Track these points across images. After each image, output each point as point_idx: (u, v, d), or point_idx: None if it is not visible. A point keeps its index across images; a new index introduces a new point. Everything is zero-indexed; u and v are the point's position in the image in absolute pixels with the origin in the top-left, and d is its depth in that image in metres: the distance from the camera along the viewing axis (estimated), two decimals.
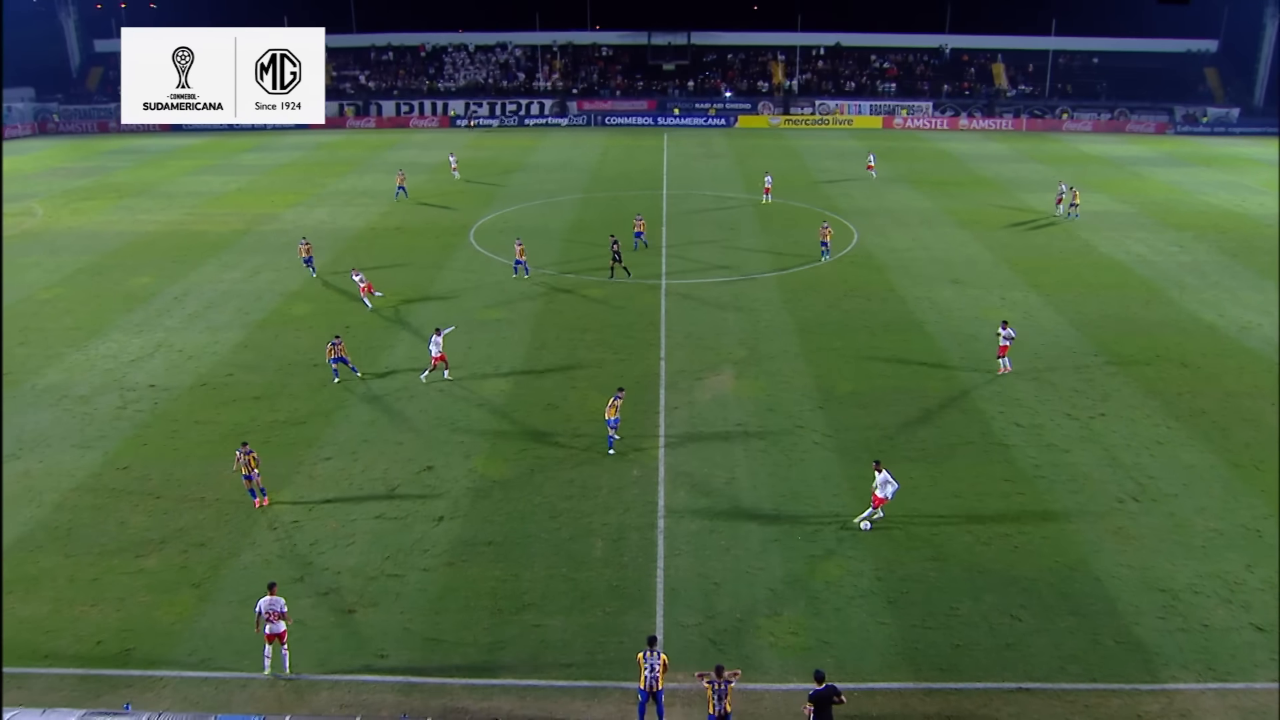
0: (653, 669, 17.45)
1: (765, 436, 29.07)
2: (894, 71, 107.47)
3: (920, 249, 50.06)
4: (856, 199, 62.50)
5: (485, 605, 21.30)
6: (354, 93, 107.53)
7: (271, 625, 19.13)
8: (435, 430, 29.64)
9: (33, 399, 32.17)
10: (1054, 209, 58.39)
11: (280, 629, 19.17)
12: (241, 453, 24.93)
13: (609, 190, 66.61)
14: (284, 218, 58.40)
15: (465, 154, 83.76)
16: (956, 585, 21.87)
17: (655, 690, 17.49)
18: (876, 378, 33.38)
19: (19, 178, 74.26)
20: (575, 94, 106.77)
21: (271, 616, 19.12)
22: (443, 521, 24.57)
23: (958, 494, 25.76)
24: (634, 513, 24.94)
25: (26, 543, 23.82)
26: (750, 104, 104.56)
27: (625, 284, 43.75)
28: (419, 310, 40.50)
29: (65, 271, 47.02)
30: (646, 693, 17.53)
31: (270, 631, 19.16)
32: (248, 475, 25.00)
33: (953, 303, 41.13)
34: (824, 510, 24.93)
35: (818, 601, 21.39)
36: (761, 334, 37.53)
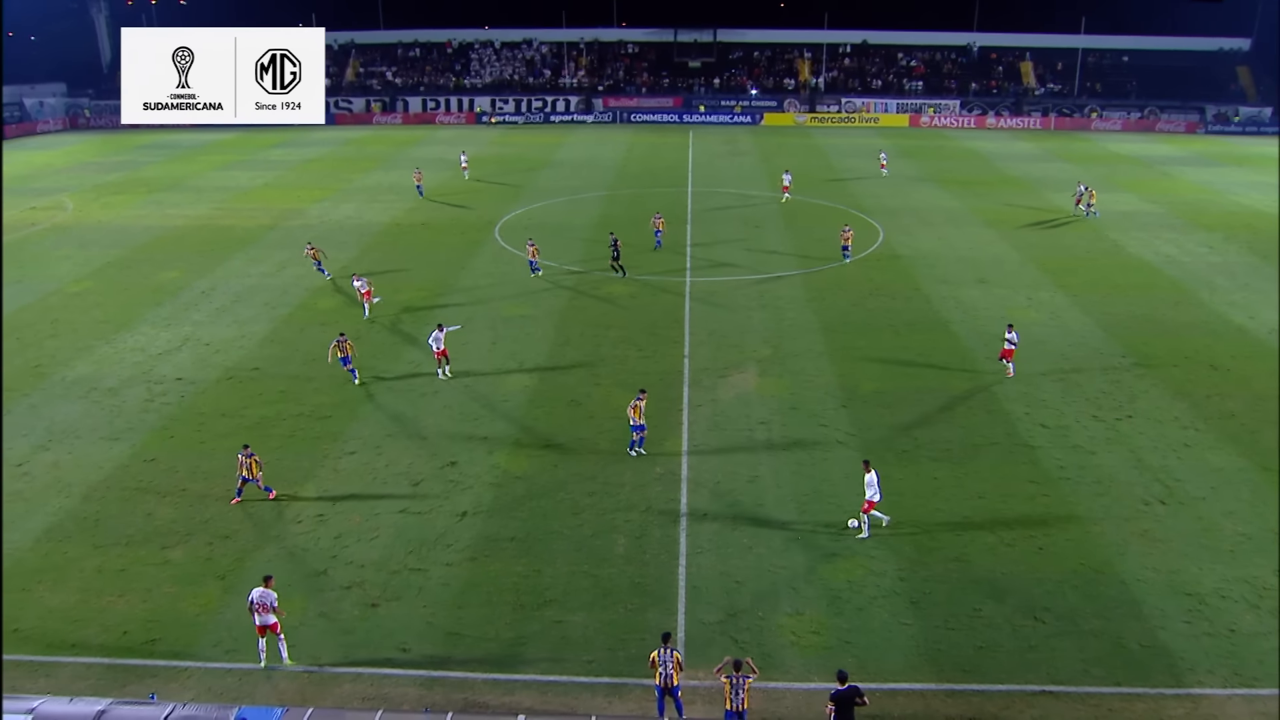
0: (667, 666, 17.48)
1: (788, 435, 29.00)
2: (921, 69, 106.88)
3: (946, 248, 49.78)
4: (882, 197, 62.21)
5: (507, 601, 21.37)
6: (381, 89, 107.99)
7: (261, 617, 19.25)
8: (459, 426, 29.75)
9: (62, 391, 32.52)
10: (1072, 208, 57.91)
11: (270, 621, 19.31)
12: (244, 455, 24.92)
13: (633, 187, 66.60)
14: (310, 213, 58.74)
15: (490, 150, 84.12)
16: (980, 586, 21.75)
17: (671, 687, 17.52)
18: (901, 377, 33.23)
19: (50, 172, 75.09)
20: (601, 91, 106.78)
21: (262, 609, 19.22)
22: (466, 517, 24.65)
23: (982, 495, 25.61)
24: (656, 510, 24.95)
25: (55, 533, 24.09)
26: (776, 101, 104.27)
27: (649, 281, 43.72)
28: (445, 303, 40.62)
29: (95, 265, 47.50)
30: (663, 689, 17.58)
31: (260, 623, 19.30)
32: (247, 478, 24.95)
33: (979, 302, 40.88)
34: (847, 509, 24.81)
35: (840, 601, 21.32)
36: (785, 332, 37.44)
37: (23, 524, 24.43)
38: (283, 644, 19.48)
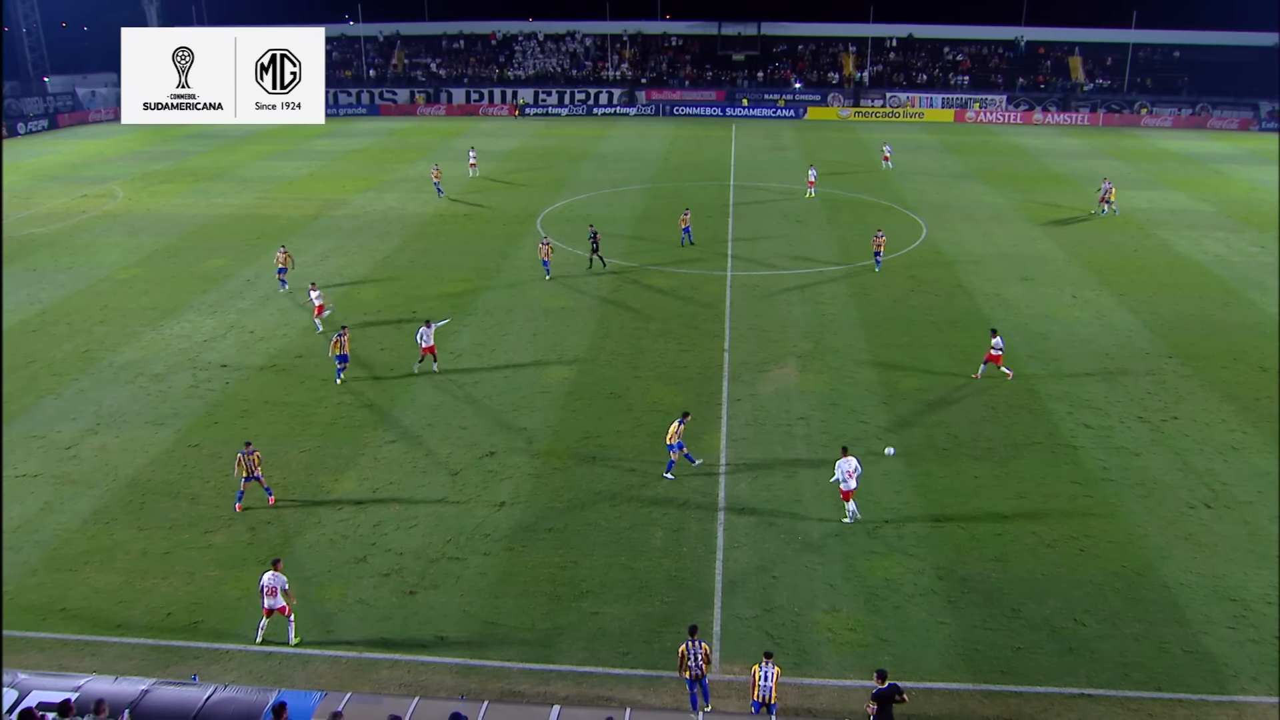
0: (696, 658, 17.57)
1: (828, 431, 28.87)
2: (967, 64, 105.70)
3: (990, 245, 49.26)
4: (926, 193, 61.66)
5: (544, 591, 21.47)
6: (425, 80, 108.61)
7: (270, 600, 19.62)
8: (499, 416, 29.91)
9: (111, 375, 33.07)
10: (1095, 205, 56.86)
11: (279, 604, 19.67)
12: (244, 454, 24.58)
13: (675, 180, 66.52)
14: (354, 203, 59.26)
15: (533, 142, 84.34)
16: (1019, 587, 21.54)
17: (700, 678, 17.62)
18: (942, 374, 32.95)
19: (101, 160, 76.33)
20: (644, 84, 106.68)
21: (270, 592, 19.60)
22: (504, 507, 24.79)
23: (1023, 494, 25.35)
24: (694, 504, 24.94)
25: (102, 515, 24.53)
26: (820, 96, 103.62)
27: (690, 275, 43.66)
28: (486, 296, 40.84)
29: (143, 252, 48.23)
30: (693, 681, 17.67)
31: (269, 606, 19.66)
32: (250, 476, 24.65)
33: (1022, 300, 40.43)
34: (886, 506, 24.70)
35: (877, 599, 21.21)
36: (826, 327, 37.25)
37: (71, 506, 24.90)
38: (291, 625, 19.84)
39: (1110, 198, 56.15)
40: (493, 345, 35.40)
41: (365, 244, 49.49)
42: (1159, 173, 69.66)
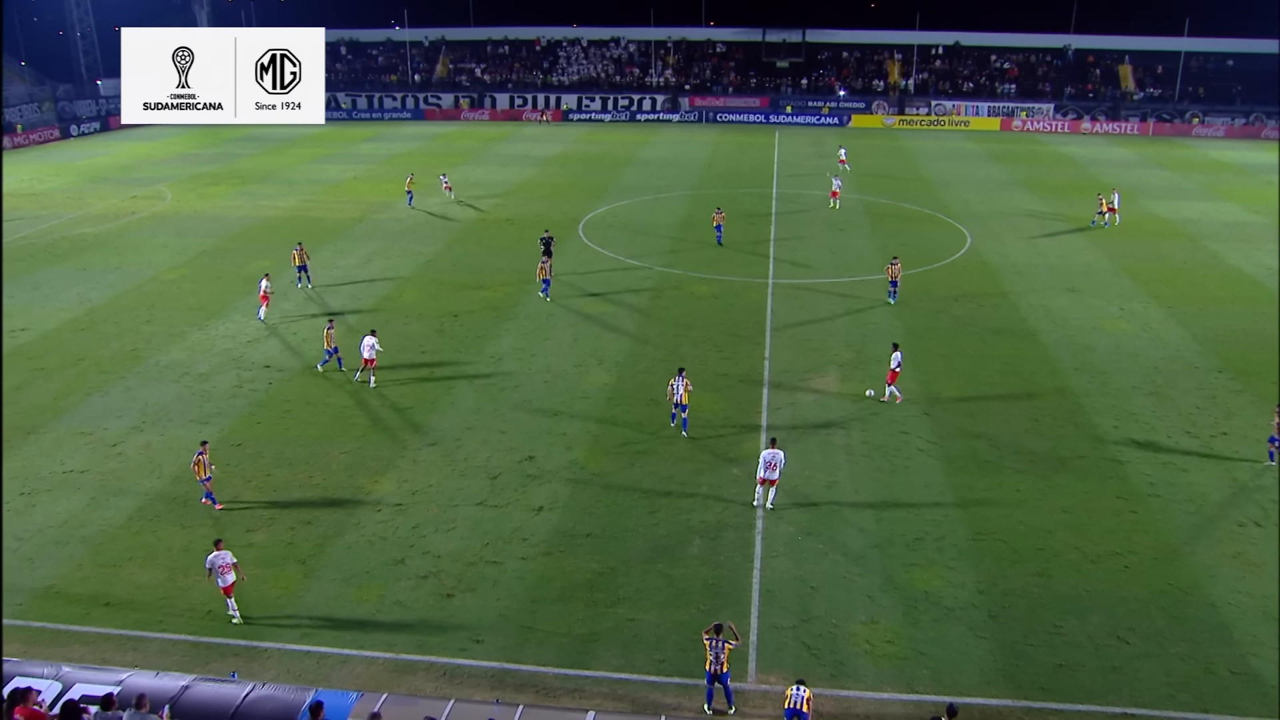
0: (717, 656, 17.65)
1: (868, 440, 28.68)
2: (1014, 72, 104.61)
3: (1035, 255, 48.72)
4: (970, 202, 61.10)
5: (581, 597, 21.50)
6: (469, 85, 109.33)
7: (223, 578, 20.32)
8: (538, 421, 30.01)
9: (156, 374, 33.59)
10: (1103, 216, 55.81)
11: (230, 580, 20.42)
12: (200, 454, 24.72)
13: (718, 187, 66.43)
14: (398, 206, 59.75)
15: (576, 148, 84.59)
16: (1061, 603, 21.26)
17: (720, 674, 17.67)
18: (985, 385, 32.63)
19: (150, 162, 77.61)
20: (687, 90, 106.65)
21: (224, 569, 20.30)
22: (542, 511, 24.86)
23: (1066, 509, 25.02)
24: (732, 511, 24.87)
25: (146, 512, 24.90)
26: (864, 103, 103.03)
27: (731, 282, 43.58)
28: (527, 300, 41.00)
29: (190, 253, 48.95)
30: (711, 675, 17.69)
31: (224, 584, 20.39)
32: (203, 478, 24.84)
33: (1068, 311, 39.93)
34: (926, 518, 24.49)
35: (916, 611, 21.03)
36: (868, 336, 37.01)
37: (116, 502, 25.31)
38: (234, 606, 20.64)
39: (1103, 206, 55.55)
40: (533, 349, 35.54)
41: (408, 247, 49.90)
42: (1210, 184, 68.55)
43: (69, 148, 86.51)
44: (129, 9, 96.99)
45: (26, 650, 19.46)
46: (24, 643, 19.88)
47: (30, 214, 58.35)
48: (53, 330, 37.88)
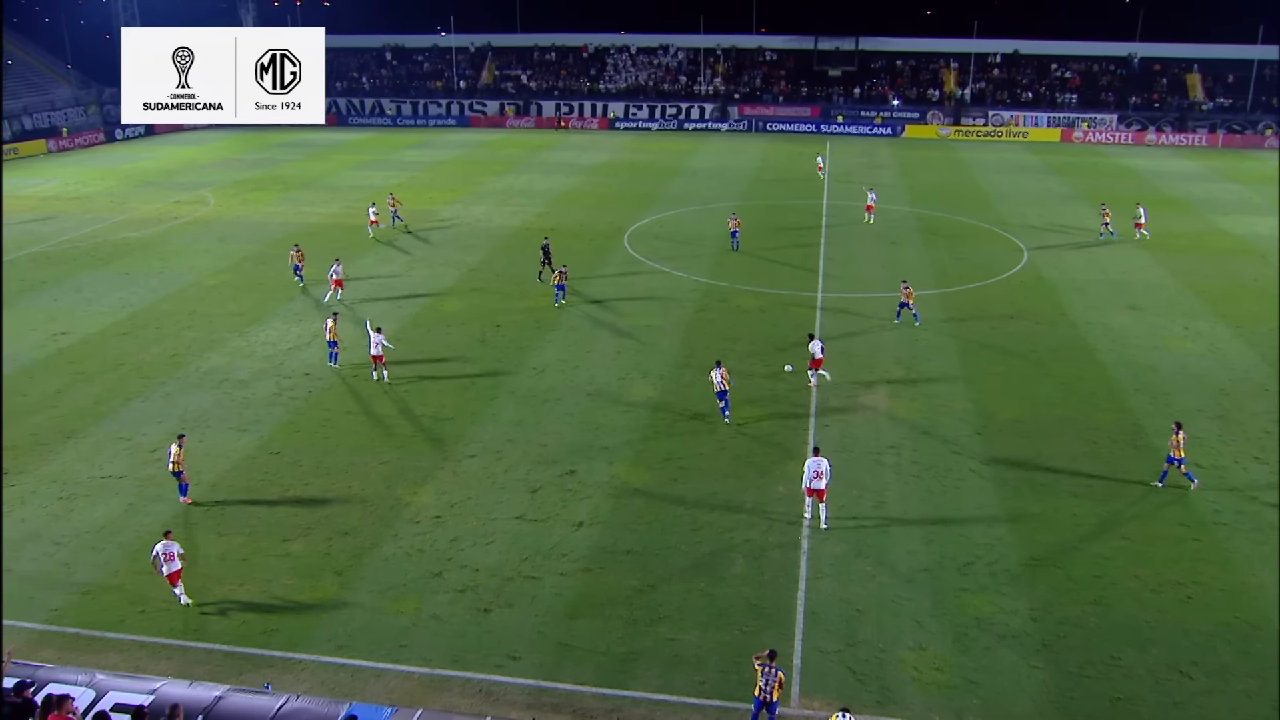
0: (768, 682, 17.46)
1: (919, 461, 28.43)
2: (1076, 81, 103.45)
3: (1096, 271, 48.09)
4: (1028, 215, 60.45)
5: (620, 615, 21.48)
6: (515, 92, 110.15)
7: (169, 565, 21.35)
8: (580, 434, 30.07)
9: (196, 380, 34.11)
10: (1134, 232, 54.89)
11: (176, 567, 21.46)
12: (176, 446, 25.78)
13: (767, 198, 66.36)
14: (441, 214, 60.30)
15: (622, 156, 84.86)
16: (1120, 633, 20.89)
17: (770, 701, 17.49)
18: (1041, 406, 32.22)
19: (195, 167, 79.00)
20: (737, 99, 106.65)
21: (169, 558, 21.34)
22: (582, 527, 24.89)
23: (1125, 536, 24.60)
24: (777, 530, 24.75)
25: (183, 519, 25.26)
26: (919, 113, 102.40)
27: (779, 295, 43.44)
28: (570, 311, 41.15)
29: (232, 259, 49.72)
30: (760, 701, 17.51)
31: (168, 572, 21.40)
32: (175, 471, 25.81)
33: (1129, 330, 39.35)
34: (978, 542, 24.20)
35: (966, 638, 20.77)
36: (920, 353, 36.72)
37: (153, 509, 25.71)
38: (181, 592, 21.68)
39: (1108, 218, 55.03)
40: (576, 361, 35.65)
41: (451, 256, 50.32)
42: None
43: (114, 151, 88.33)
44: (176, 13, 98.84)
45: (61, 656, 19.81)
46: (59, 648, 20.25)
47: (74, 217, 59.64)
48: (94, 334, 38.63)
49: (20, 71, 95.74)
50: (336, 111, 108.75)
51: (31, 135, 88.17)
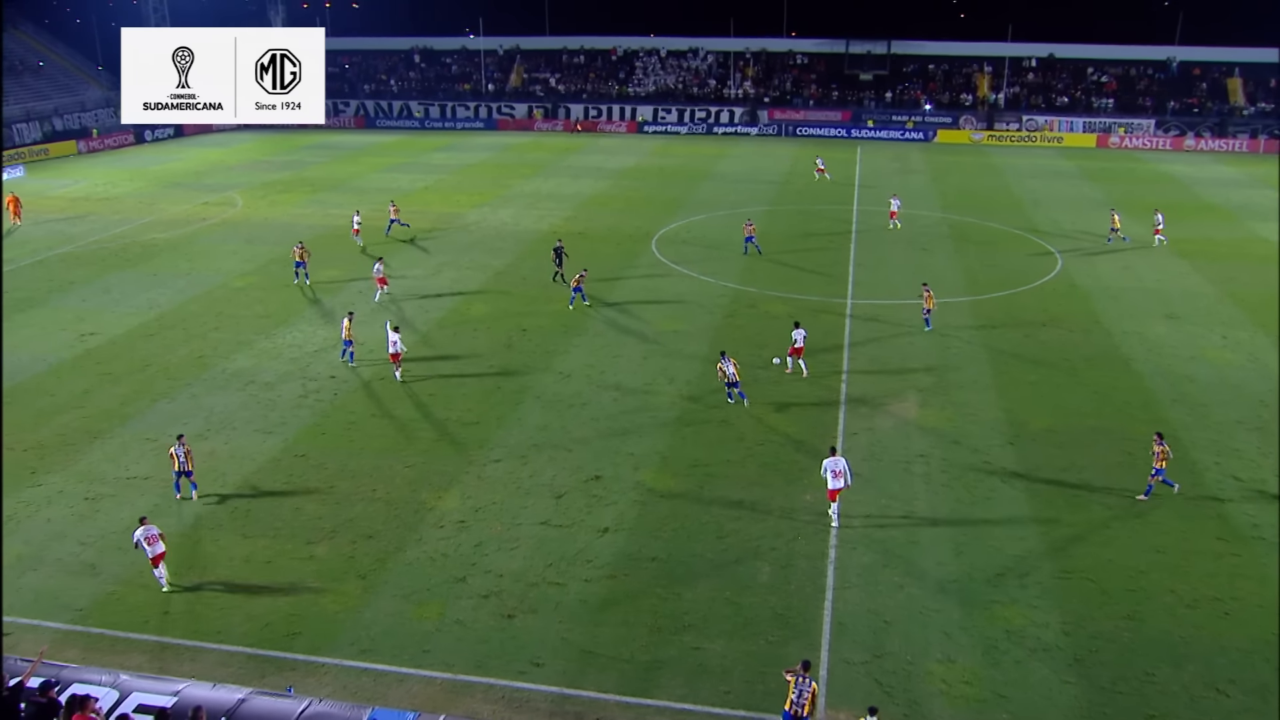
0: (800, 695, 17.29)
1: (948, 470, 28.25)
2: (1112, 85, 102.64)
3: (1131, 279, 47.66)
4: (1061, 222, 60.00)
5: (645, 622, 21.45)
6: (543, 95, 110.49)
7: (153, 548, 22.16)
8: (606, 439, 30.09)
9: (222, 382, 34.39)
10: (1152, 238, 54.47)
11: (160, 549, 22.29)
12: (179, 446, 26.16)
13: (796, 203, 66.22)
14: (468, 218, 60.56)
15: (651, 160, 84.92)
16: (1154, 649, 20.65)
17: (801, 716, 17.32)
18: (1074, 416, 31.94)
19: (223, 169, 79.73)
20: (767, 103, 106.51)
21: (151, 540, 22.15)
22: (607, 533, 24.89)
23: (1160, 549, 24.33)
24: (804, 539, 24.65)
25: (208, 521, 25.47)
26: (951, 118, 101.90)
27: (808, 302, 43.34)
28: (597, 316, 41.20)
29: (259, 261, 50.11)
30: (791, 715, 17.35)
31: (153, 554, 22.22)
32: (181, 471, 26.23)
33: (1166, 339, 38.95)
34: (1009, 553, 24.01)
35: (996, 651, 20.60)
36: (950, 361, 36.51)
37: (178, 509, 25.94)
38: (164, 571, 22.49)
39: (1116, 223, 54.78)
40: (603, 366, 35.68)
41: (478, 259, 50.53)
42: None
43: (143, 153, 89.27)
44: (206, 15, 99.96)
45: (85, 656, 19.99)
46: (83, 649, 20.44)
47: (103, 218, 60.33)
48: (121, 335, 39.03)
49: (51, 73, 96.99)
50: (364, 114, 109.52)
51: (62, 136, 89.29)
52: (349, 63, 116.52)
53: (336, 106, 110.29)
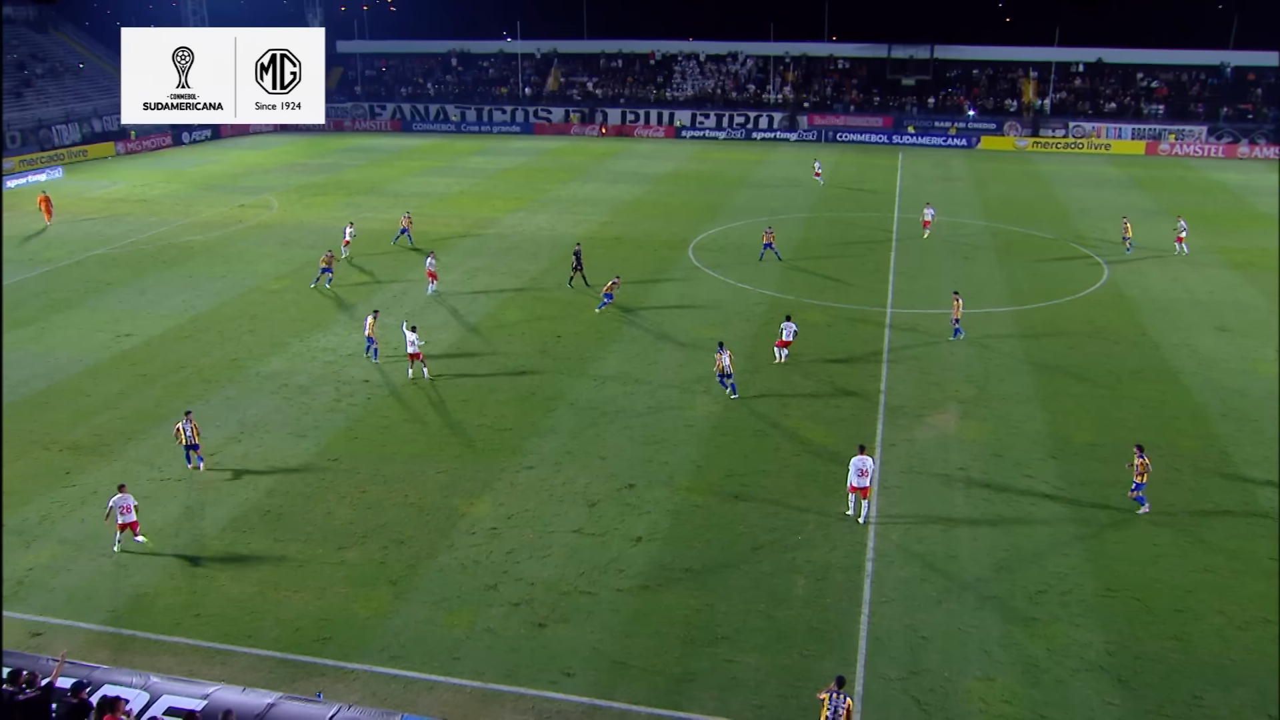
0: (835, 712, 17.14)
1: (989, 484, 27.99)
2: (1163, 91, 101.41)
3: (1181, 290, 47.05)
4: (1109, 231, 59.28)
5: (677, 634, 21.41)
6: (581, 99, 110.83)
7: (124, 516, 23.92)
8: (640, 448, 30.08)
9: (256, 385, 34.74)
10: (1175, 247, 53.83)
11: (132, 519, 24.05)
12: (185, 421, 28.15)
13: (836, 210, 65.98)
14: (504, 222, 60.84)
15: (689, 166, 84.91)
16: (1202, 671, 20.33)
17: None
18: (1120, 429, 31.54)
19: (259, 171, 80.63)
20: (806, 108, 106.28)
21: (124, 509, 23.86)
22: (641, 542, 24.88)
23: (1210, 568, 23.96)
24: (841, 552, 24.51)
25: (240, 523, 25.71)
26: (995, 124, 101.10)
27: (847, 310, 43.15)
28: (633, 322, 41.24)
29: (295, 264, 50.59)
30: None
31: (123, 521, 23.94)
32: (189, 445, 28.22)
33: (1216, 352, 38.39)
34: (1050, 570, 23.74)
35: (1037, 670, 20.36)
36: (993, 372, 36.20)
37: (210, 513, 26.20)
38: (140, 539, 24.33)
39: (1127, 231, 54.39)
40: (638, 374, 35.69)
41: (513, 264, 50.73)
42: None
43: (180, 155, 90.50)
44: (243, 17, 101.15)
45: (116, 658, 20.24)
46: (114, 650, 20.69)
47: (140, 219, 61.22)
48: (157, 336, 39.54)
49: (91, 74, 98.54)
50: (401, 117, 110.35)
51: (100, 138, 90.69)
52: (385, 66, 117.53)
53: (373, 109, 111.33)
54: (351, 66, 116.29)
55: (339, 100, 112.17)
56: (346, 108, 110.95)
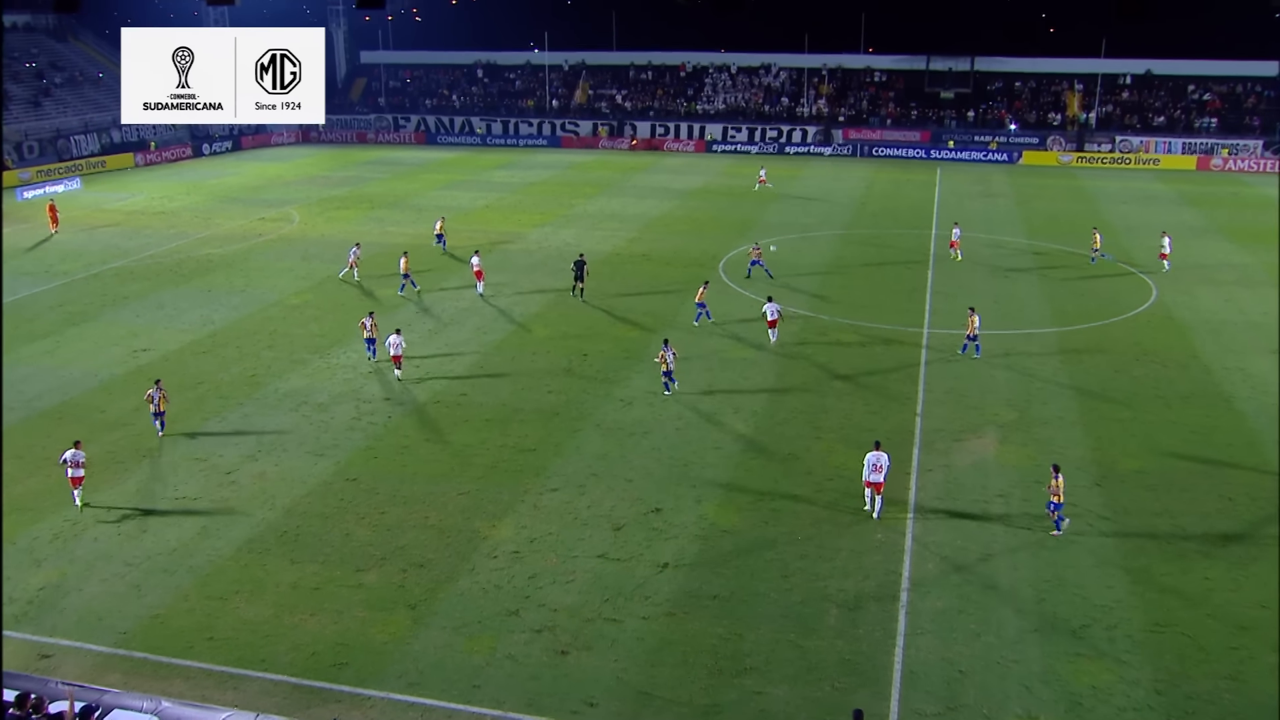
0: None
1: (1030, 512, 27.72)
2: (1216, 104, 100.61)
3: (1234, 311, 46.58)
4: (1156, 250, 58.79)
5: (704, 663, 21.30)
6: (609, 112, 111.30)
7: (74, 471, 26.54)
8: (667, 470, 30.04)
9: (275, 402, 34.97)
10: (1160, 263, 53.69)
11: (80, 474, 26.72)
12: (155, 390, 31.40)
13: (871, 228, 65.86)
14: (529, 238, 61.11)
15: (719, 181, 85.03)
16: (1258, 713, 19.97)
17: None
18: (1169, 456, 31.21)
19: (280, 184, 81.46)
20: (842, 122, 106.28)
21: (75, 464, 26.52)
22: (667, 569, 24.80)
23: (1265, 604, 23.59)
24: (874, 581, 24.34)
25: (256, 545, 25.83)
26: (1038, 138, 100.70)
27: (881, 330, 42.99)
28: (660, 343, 41.14)
29: (315, 279, 50.99)
30: None
31: (73, 475, 26.66)
32: (156, 412, 31.41)
33: (1271, 376, 37.93)
34: (1095, 603, 23.46)
35: (1080, 708, 20.10)
36: (1034, 396, 35.93)
37: (226, 532, 26.34)
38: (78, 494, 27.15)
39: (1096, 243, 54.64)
40: (665, 394, 35.66)
41: (538, 280, 50.89)
42: None
43: (200, 166, 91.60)
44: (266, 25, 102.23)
45: (127, 681, 20.31)
46: (125, 673, 20.78)
47: (159, 232, 61.95)
48: (174, 351, 39.92)
49: (111, 84, 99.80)
50: (425, 129, 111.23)
51: (120, 149, 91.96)
52: (410, 77, 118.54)
53: (397, 121, 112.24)
54: (375, 78, 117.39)
55: (362, 112, 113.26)
56: (370, 120, 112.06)
